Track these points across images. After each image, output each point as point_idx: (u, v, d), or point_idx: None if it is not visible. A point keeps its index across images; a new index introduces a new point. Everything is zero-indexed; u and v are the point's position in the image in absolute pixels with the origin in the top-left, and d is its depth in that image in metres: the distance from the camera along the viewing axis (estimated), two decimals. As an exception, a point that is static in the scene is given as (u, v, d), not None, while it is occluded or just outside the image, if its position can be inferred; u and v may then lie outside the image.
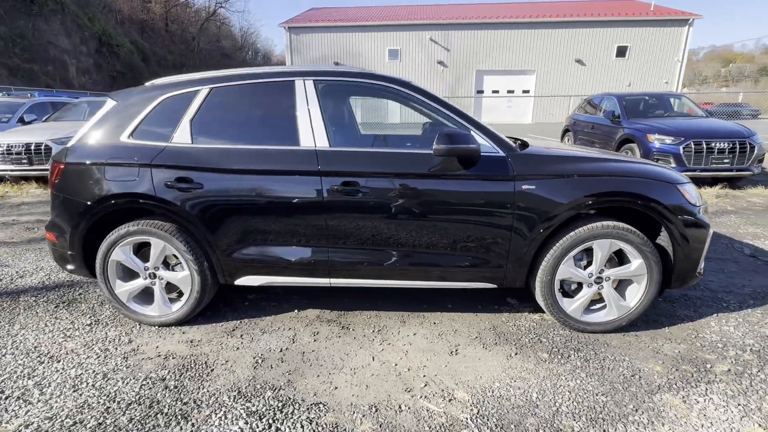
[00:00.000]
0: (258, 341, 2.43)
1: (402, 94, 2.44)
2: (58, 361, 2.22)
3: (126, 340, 2.43)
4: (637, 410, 1.85)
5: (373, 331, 2.54)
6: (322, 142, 2.35)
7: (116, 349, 2.34)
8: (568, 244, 2.30)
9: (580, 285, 2.45)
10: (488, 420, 1.80)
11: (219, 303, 2.85)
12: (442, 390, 2.00)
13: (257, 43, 67.07)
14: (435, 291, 3.01)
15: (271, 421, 1.80)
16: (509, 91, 26.11)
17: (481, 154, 2.25)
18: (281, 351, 2.33)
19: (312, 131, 2.36)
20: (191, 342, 2.42)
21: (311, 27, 26.24)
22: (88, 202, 2.40)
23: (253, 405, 1.90)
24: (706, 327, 2.54)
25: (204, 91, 2.46)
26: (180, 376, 2.10)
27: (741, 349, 2.31)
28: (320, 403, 1.92)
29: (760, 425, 1.76)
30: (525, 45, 25.24)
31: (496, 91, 26.34)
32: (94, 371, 2.14)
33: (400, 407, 1.88)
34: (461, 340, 2.43)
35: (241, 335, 2.49)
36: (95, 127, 2.50)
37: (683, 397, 1.93)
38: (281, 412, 1.85)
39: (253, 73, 2.50)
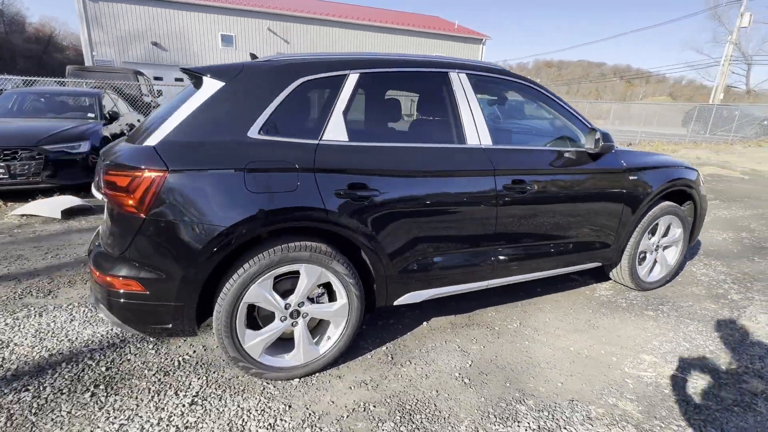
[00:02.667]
0: (436, 362, 2.19)
1: (541, 97, 2.54)
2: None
3: (279, 408, 1.83)
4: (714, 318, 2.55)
5: (518, 324, 2.60)
6: (486, 140, 2.26)
7: (283, 421, 1.75)
8: (647, 223, 2.87)
9: (644, 253, 3.08)
10: (678, 367, 2.18)
11: (335, 333, 2.37)
12: (630, 358, 2.28)
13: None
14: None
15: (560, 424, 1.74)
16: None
17: None
18: (471, 365, 2.18)
19: (476, 128, 2.24)
20: (369, 383, 2.00)
21: (118, -6, 21.31)
22: (223, 227, 1.67)
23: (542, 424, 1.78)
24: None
25: (353, 77, 2.01)
26: (412, 421, 1.75)
27: (723, 283, 3.36)
28: (573, 399, 1.94)
29: None
30: (356, 45, 26.70)
31: (338, 88, 27.16)
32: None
33: (624, 380, 2.08)
34: (583, 316, 2.74)
35: (410, 361, 2.19)
36: (197, 118, 1.75)
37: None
38: (564, 419, 1.81)
39: (404, 60, 2.17)
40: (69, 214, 4.46)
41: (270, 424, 1.72)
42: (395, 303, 2.19)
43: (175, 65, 22.67)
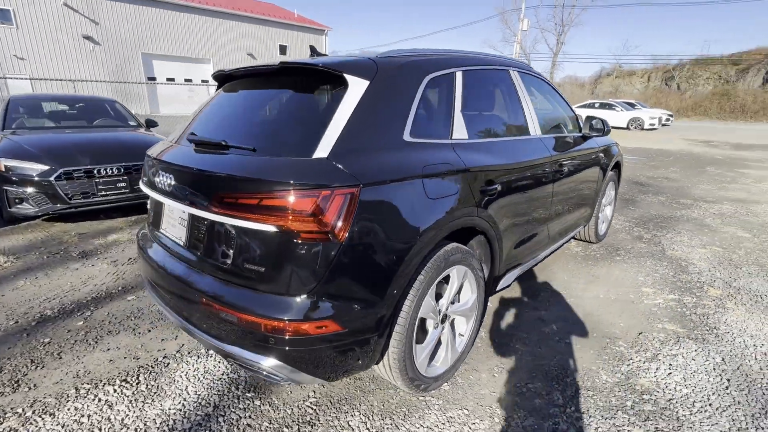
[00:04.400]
0: (530, 336, 2.42)
1: (551, 90, 2.95)
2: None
3: (459, 414, 1.81)
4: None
5: (550, 291, 3.03)
6: (538, 131, 2.55)
7: (474, 424, 1.75)
8: (604, 187, 3.67)
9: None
10: (669, 289, 2.96)
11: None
12: (638, 293, 2.95)
13: None
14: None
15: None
16: (187, 80, 24.05)
17: None
18: (556, 330, 2.49)
19: (533, 120, 2.50)
20: (504, 366, 2.11)
21: None
22: (416, 240, 1.54)
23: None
24: (607, 224, 4.65)
25: (459, 74, 2.02)
26: (565, 381, 1.98)
27: (630, 227, 4.52)
28: (641, 332, 2.45)
29: (690, 250, 3.85)
30: (196, 31, 23.70)
31: (172, 79, 23.60)
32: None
33: (652, 310, 2.71)
34: (583, 270, 3.36)
35: (510, 340, 2.37)
36: (356, 122, 1.53)
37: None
38: (654, 348, 2.28)
39: (484, 58, 2.26)
40: None
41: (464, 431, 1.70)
42: (497, 288, 2.33)
43: None
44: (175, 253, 1.74)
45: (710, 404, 1.86)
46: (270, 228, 1.36)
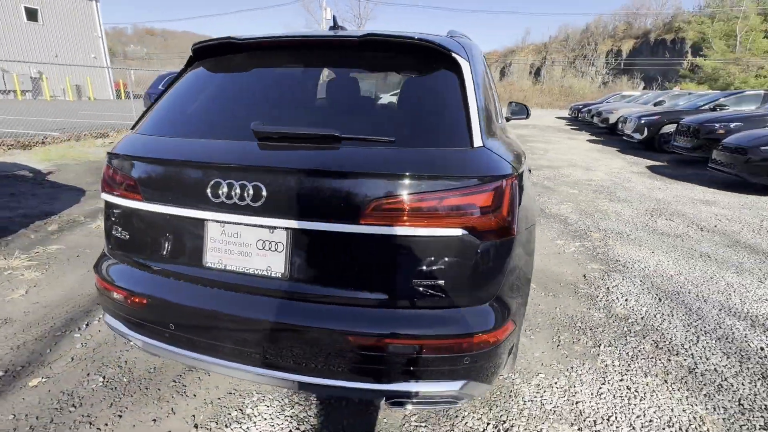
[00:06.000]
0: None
1: None
2: None
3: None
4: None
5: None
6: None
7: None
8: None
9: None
10: (572, 239, 3.80)
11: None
12: (552, 246, 3.67)
13: None
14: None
15: (609, 289, 2.87)
16: None
17: None
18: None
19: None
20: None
21: None
22: (534, 223, 1.57)
23: (600, 294, 2.79)
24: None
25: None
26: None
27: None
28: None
29: (555, 207, 4.95)
30: None
31: None
32: None
33: (573, 256, 3.44)
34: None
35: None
36: (481, 107, 1.41)
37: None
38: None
39: None
40: None
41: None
42: None
43: None
44: (254, 290, 1.27)
45: (662, 313, 2.55)
46: (452, 232, 1.17)
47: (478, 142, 1.28)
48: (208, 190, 1.23)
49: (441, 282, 1.20)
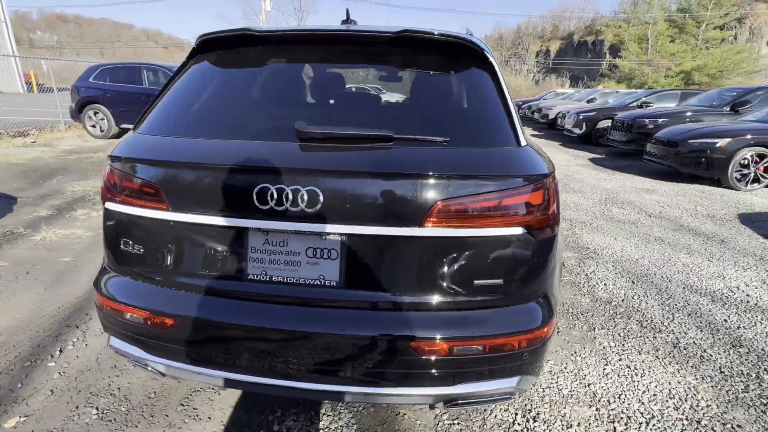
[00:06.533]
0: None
1: None
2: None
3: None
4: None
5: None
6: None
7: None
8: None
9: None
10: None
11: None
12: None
13: None
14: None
15: (588, 275, 3.07)
16: None
17: None
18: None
19: None
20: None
21: None
22: None
23: (581, 280, 2.98)
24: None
25: None
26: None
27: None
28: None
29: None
30: None
31: None
32: None
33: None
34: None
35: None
36: (512, 105, 1.46)
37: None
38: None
39: None
40: None
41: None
42: None
43: None
44: (305, 301, 1.19)
45: (638, 295, 2.78)
46: (512, 231, 1.18)
47: (522, 141, 1.30)
48: (254, 197, 1.12)
49: (500, 281, 1.20)
